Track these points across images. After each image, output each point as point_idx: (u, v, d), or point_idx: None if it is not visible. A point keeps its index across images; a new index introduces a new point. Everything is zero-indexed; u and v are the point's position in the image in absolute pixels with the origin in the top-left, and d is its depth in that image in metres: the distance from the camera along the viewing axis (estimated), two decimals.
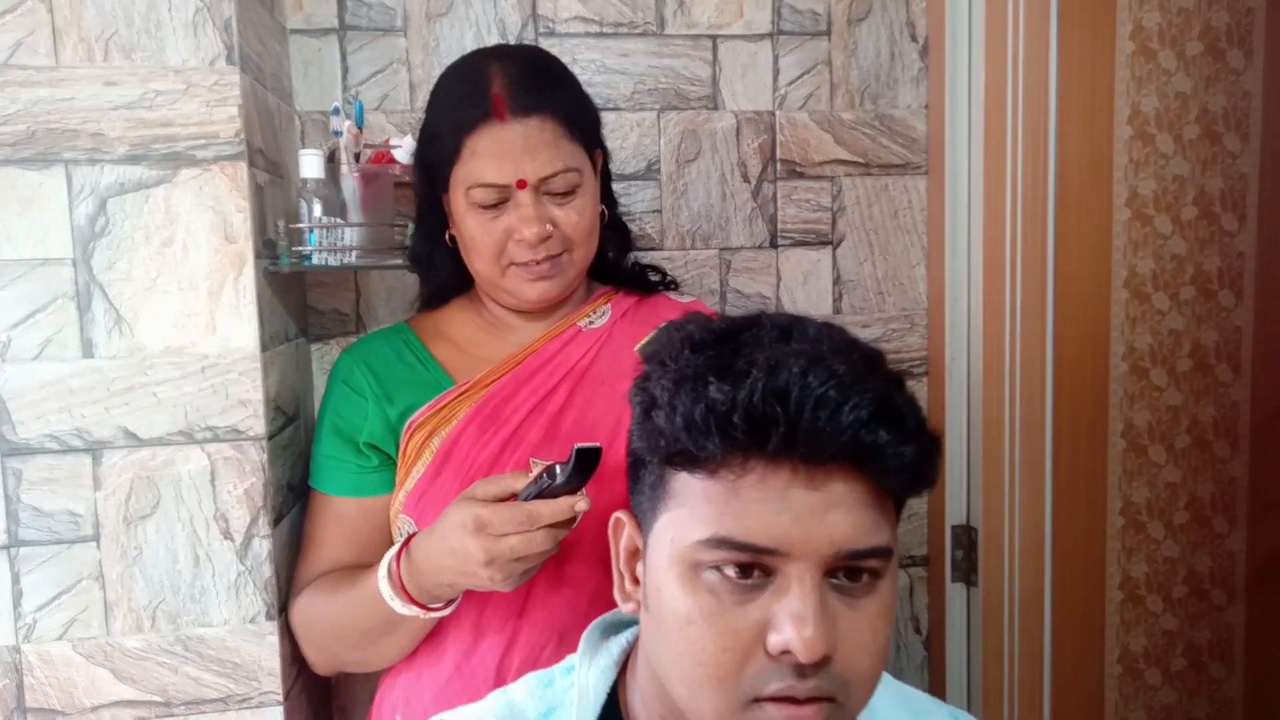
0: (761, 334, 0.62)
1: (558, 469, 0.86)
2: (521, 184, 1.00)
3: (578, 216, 1.03)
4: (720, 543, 0.59)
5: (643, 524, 0.67)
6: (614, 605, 1.00)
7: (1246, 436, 1.59)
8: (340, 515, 1.09)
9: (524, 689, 0.74)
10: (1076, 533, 1.54)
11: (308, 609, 1.07)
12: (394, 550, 0.98)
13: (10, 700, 1.04)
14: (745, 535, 0.58)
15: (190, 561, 1.07)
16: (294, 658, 1.14)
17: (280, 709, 1.09)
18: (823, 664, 0.58)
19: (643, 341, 0.85)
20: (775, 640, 0.58)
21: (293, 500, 1.19)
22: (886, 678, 0.76)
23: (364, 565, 1.05)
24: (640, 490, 0.67)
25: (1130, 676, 1.60)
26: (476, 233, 1.03)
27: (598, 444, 0.83)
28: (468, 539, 0.88)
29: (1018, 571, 1.53)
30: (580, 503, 0.88)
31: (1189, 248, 1.55)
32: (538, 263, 1.03)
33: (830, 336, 0.63)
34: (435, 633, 1.04)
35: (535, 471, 0.90)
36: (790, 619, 0.57)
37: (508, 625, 1.02)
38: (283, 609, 1.11)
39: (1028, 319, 1.49)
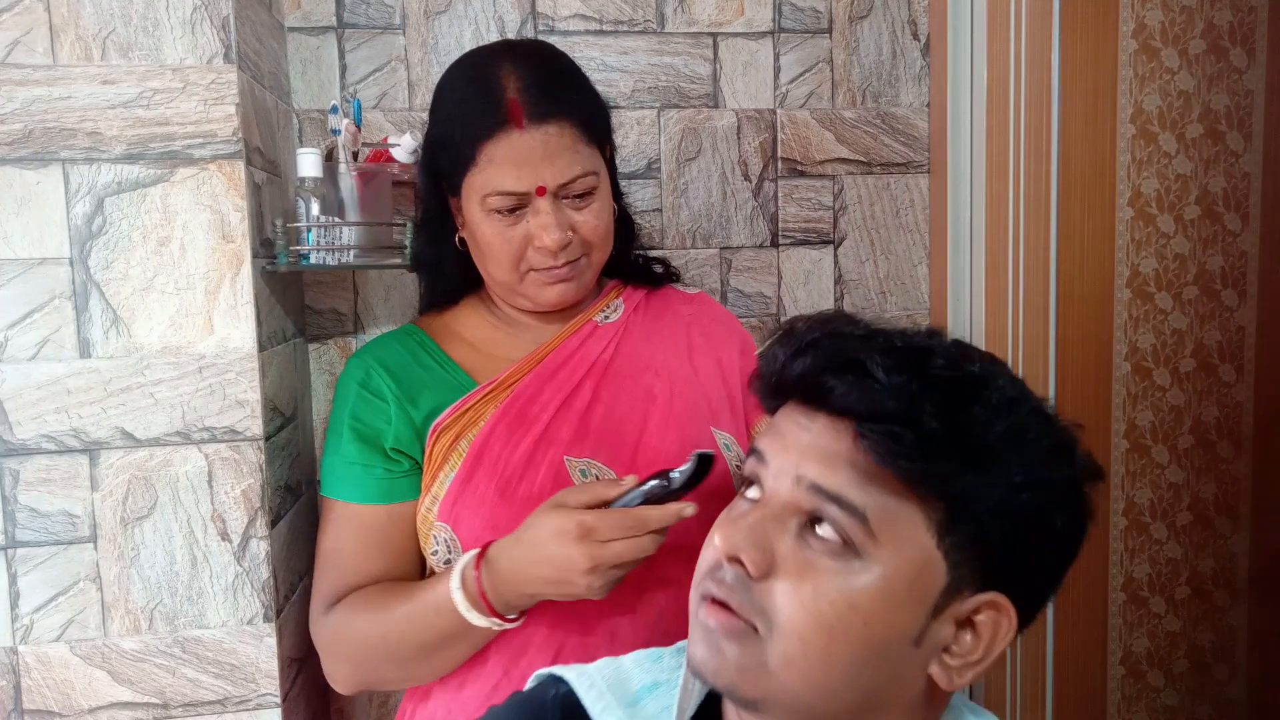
0: (885, 328, 0.67)
1: (674, 475, 0.87)
2: (541, 191, 0.98)
3: (595, 220, 1.02)
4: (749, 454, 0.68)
5: None
6: (660, 601, 1.00)
7: (1250, 437, 1.58)
8: (368, 524, 1.03)
9: (633, 660, 0.75)
10: None
11: (346, 626, 1.00)
12: (467, 560, 0.94)
13: (8, 702, 1.04)
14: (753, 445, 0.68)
15: (188, 563, 1.06)
16: (292, 660, 1.13)
17: (278, 711, 1.08)
18: (739, 568, 0.60)
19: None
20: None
21: (290, 501, 1.19)
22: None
23: (398, 578, 1.03)
24: None
25: (1133, 678, 1.59)
26: (494, 240, 1.00)
27: (712, 450, 0.83)
28: (570, 546, 0.87)
29: None
30: (687, 508, 0.87)
31: (1192, 247, 1.54)
32: (557, 268, 1.01)
33: (937, 340, 0.64)
34: None
35: (639, 479, 0.90)
36: (723, 523, 0.63)
37: (558, 629, 0.99)
38: (280, 611, 1.11)
39: (1030, 318, 1.49)
